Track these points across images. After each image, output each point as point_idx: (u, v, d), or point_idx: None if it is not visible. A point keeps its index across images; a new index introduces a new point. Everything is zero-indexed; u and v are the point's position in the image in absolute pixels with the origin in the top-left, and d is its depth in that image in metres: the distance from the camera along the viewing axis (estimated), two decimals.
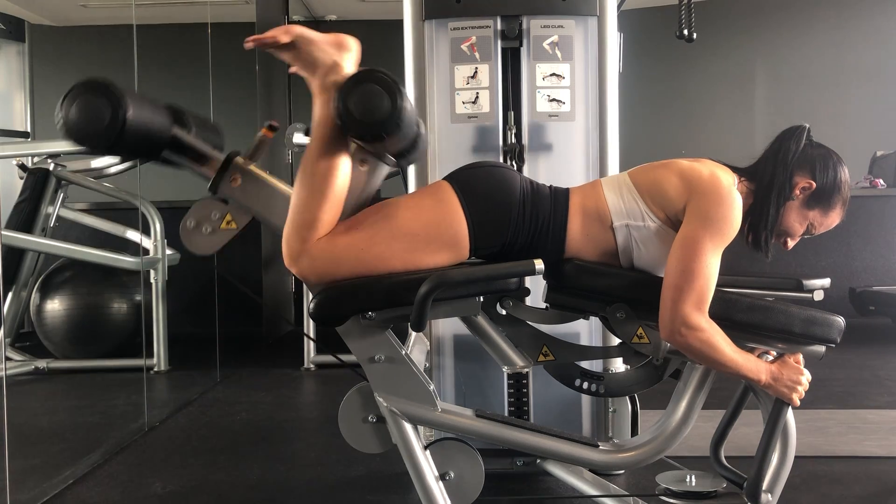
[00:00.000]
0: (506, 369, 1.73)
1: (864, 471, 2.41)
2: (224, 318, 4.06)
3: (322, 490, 2.36)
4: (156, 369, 4.02)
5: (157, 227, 4.08)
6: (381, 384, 1.60)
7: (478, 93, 2.31)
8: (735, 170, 1.69)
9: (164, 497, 2.31)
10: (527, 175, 1.76)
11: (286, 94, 6.07)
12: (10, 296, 4.15)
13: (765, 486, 1.64)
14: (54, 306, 4.13)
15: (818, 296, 1.67)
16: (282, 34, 1.52)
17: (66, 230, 4.56)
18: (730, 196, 1.58)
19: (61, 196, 4.36)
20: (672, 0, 2.61)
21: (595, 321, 2.29)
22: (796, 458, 1.68)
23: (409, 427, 1.59)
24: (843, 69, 6.33)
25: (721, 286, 1.59)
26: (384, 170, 1.65)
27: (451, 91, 2.31)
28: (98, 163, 4.41)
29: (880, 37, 6.32)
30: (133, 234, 4.31)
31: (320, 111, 1.54)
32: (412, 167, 2.35)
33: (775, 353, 1.65)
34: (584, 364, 1.85)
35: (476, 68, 2.31)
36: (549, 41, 2.30)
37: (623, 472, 2.33)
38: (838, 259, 5.36)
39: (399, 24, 2.36)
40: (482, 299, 1.71)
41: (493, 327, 1.72)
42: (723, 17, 6.31)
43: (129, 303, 4.23)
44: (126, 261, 4.08)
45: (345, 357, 1.82)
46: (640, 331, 1.66)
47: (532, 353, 1.73)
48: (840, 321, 1.64)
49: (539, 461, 2.30)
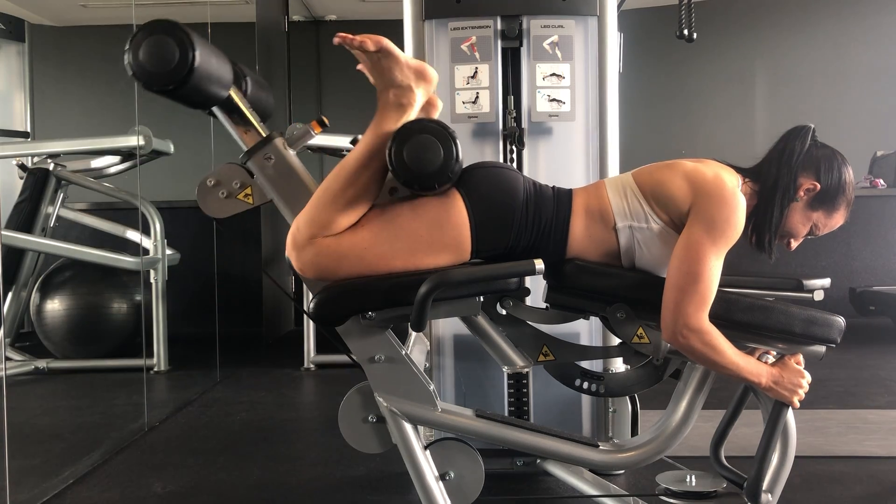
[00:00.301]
0: (506, 369, 1.73)
1: (864, 471, 2.41)
2: (224, 318, 4.06)
3: (322, 490, 2.36)
4: (156, 369, 4.02)
5: (157, 227, 4.08)
6: (381, 384, 1.60)
7: (478, 93, 2.31)
8: (739, 170, 1.68)
9: (164, 497, 2.31)
10: (527, 175, 1.76)
11: (286, 94, 6.08)
12: (10, 296, 4.15)
13: (765, 486, 1.64)
14: (54, 306, 4.13)
15: (818, 296, 1.67)
16: (370, 42, 1.53)
17: (66, 230, 4.56)
18: (734, 198, 1.58)
19: (61, 196, 4.36)
20: (672, 0, 2.61)
21: (595, 321, 2.29)
22: (796, 458, 1.68)
23: (409, 427, 1.59)
24: (843, 69, 6.32)
25: (721, 286, 1.59)
26: (409, 194, 1.66)
27: (451, 91, 2.31)
28: (98, 163, 4.41)
29: (880, 37, 6.32)
30: (133, 234, 4.31)
31: (375, 124, 1.56)
32: None
33: (775, 354, 1.65)
34: (584, 364, 1.85)
35: (476, 68, 2.31)
36: (549, 41, 2.30)
37: (623, 472, 2.33)
38: (838, 259, 5.36)
39: (399, 24, 2.36)
40: (482, 299, 1.70)
41: (493, 327, 1.72)
42: (723, 17, 6.31)
43: (129, 303, 4.23)
44: (126, 261, 4.08)
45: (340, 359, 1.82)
46: (641, 331, 1.66)
47: (532, 353, 1.73)
48: (840, 321, 1.64)
49: (539, 461, 2.30)
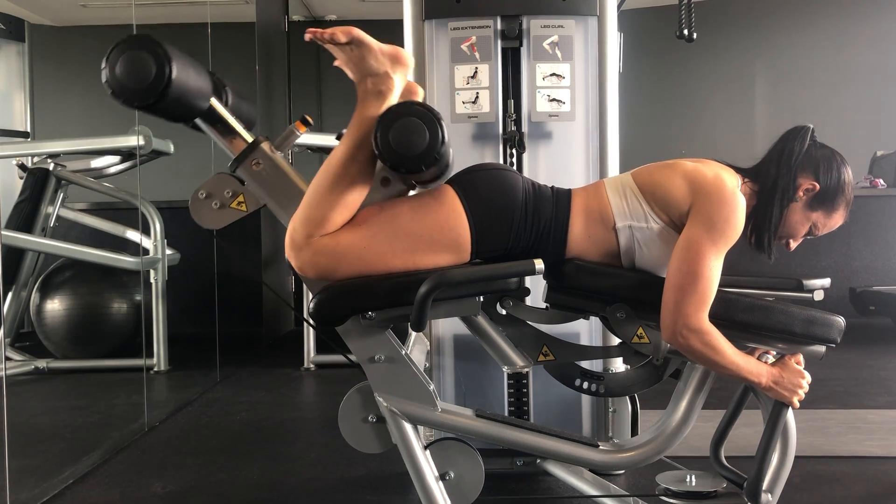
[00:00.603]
0: (506, 369, 1.73)
1: (864, 471, 2.40)
2: (224, 318, 4.06)
3: (322, 490, 2.36)
4: (156, 369, 4.02)
5: (157, 227, 4.08)
6: (381, 384, 1.60)
7: (478, 93, 2.31)
8: (738, 170, 1.68)
9: (164, 497, 2.31)
10: (527, 175, 1.76)
11: (286, 93, 6.08)
12: (10, 296, 4.15)
13: (765, 486, 1.64)
14: (54, 306, 4.13)
15: (818, 296, 1.67)
16: (341, 34, 1.52)
17: (66, 230, 4.56)
18: (734, 199, 1.58)
19: (61, 196, 4.36)
20: (672, 0, 2.61)
21: (595, 321, 2.29)
22: (796, 458, 1.68)
23: (409, 427, 1.59)
24: (843, 69, 6.32)
25: (721, 286, 1.59)
26: (403, 189, 1.65)
27: (451, 91, 2.31)
28: (98, 163, 4.41)
29: (880, 37, 6.32)
30: (133, 234, 4.31)
31: (358, 115, 1.55)
32: None
33: (775, 354, 1.65)
34: (584, 364, 1.85)
35: (476, 68, 2.31)
36: (549, 41, 2.30)
37: (623, 472, 2.33)
38: (838, 259, 5.36)
39: (399, 24, 2.36)
40: (482, 299, 1.70)
41: (493, 327, 1.72)
42: (723, 17, 6.31)
43: (129, 303, 4.23)
44: (126, 261, 4.08)
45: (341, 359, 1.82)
46: (641, 331, 1.66)
47: (532, 353, 1.73)
48: (840, 321, 1.64)
49: (539, 461, 2.30)
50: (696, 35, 2.47)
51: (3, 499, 2.15)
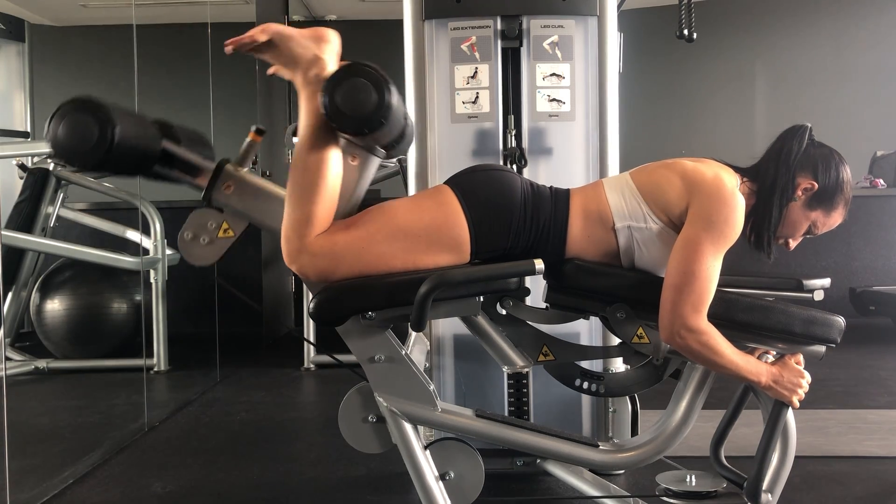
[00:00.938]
0: (506, 369, 1.72)
1: (865, 471, 2.40)
2: (224, 317, 4.06)
3: (322, 490, 2.36)
4: (156, 369, 4.02)
5: (156, 227, 4.08)
6: (381, 384, 1.60)
7: (478, 93, 2.31)
8: (737, 170, 1.68)
9: (164, 497, 2.31)
10: (527, 175, 1.76)
11: (286, 93, 6.07)
12: (10, 296, 4.15)
13: (765, 486, 1.64)
14: (54, 306, 4.13)
15: (818, 296, 1.67)
16: (258, 33, 1.52)
17: (66, 230, 4.55)
18: (733, 199, 1.58)
19: (61, 196, 4.35)
20: (672, 0, 2.61)
21: (595, 321, 2.29)
22: (796, 458, 1.68)
23: (409, 427, 1.59)
24: (843, 69, 6.33)
25: (721, 286, 1.59)
26: (375, 163, 1.64)
27: (451, 91, 2.31)
28: None
29: (880, 37, 6.32)
30: (133, 234, 4.31)
31: (306, 105, 1.54)
32: (412, 167, 2.35)
33: (775, 354, 1.65)
34: (584, 364, 1.85)
35: (476, 68, 2.31)
36: (549, 41, 2.30)
37: (623, 472, 2.33)
38: (838, 259, 5.36)
39: (399, 24, 2.36)
40: (482, 299, 1.70)
41: (493, 327, 1.71)
42: (723, 17, 6.31)
43: (129, 303, 4.22)
44: (126, 261, 4.07)
45: (344, 357, 1.82)
46: (641, 331, 1.66)
47: (532, 353, 1.73)
48: (840, 321, 1.64)
49: (539, 461, 2.30)
50: (696, 35, 2.47)
51: (3, 499, 2.15)
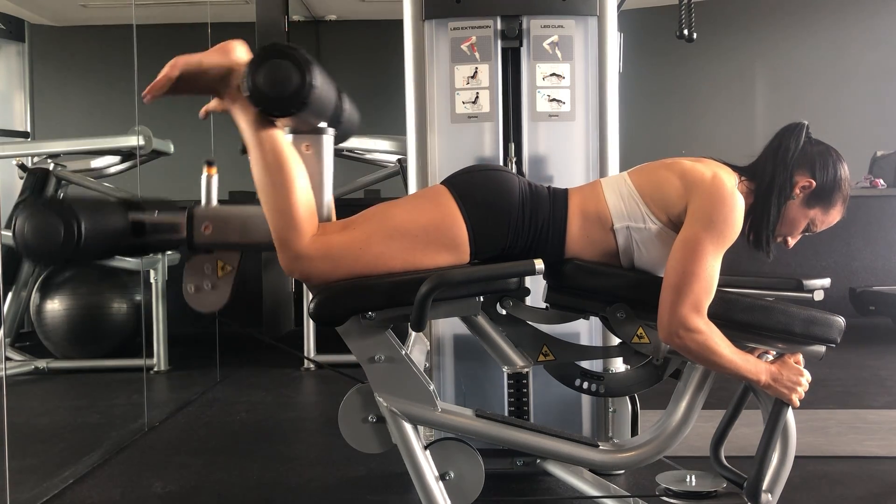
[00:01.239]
0: (506, 369, 1.72)
1: (865, 471, 2.40)
2: (224, 318, 4.05)
3: (322, 490, 2.36)
4: (156, 369, 4.02)
5: None
6: (381, 384, 1.60)
7: (478, 93, 2.31)
8: (735, 169, 1.68)
9: (164, 497, 2.31)
10: (527, 175, 1.76)
11: None
12: (10, 296, 4.15)
13: (765, 486, 1.64)
14: (54, 306, 4.13)
15: (818, 296, 1.67)
16: (169, 70, 1.50)
17: None
18: (732, 198, 1.58)
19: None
20: (672, 0, 2.61)
21: (595, 321, 2.29)
22: (796, 458, 1.68)
23: (409, 427, 1.59)
24: (843, 69, 6.33)
25: (721, 286, 1.59)
26: (329, 142, 1.64)
27: (451, 91, 2.31)
28: (98, 163, 4.41)
29: (880, 37, 6.32)
30: None
31: (242, 115, 1.54)
32: (412, 167, 2.35)
33: (775, 354, 1.65)
34: (584, 364, 1.85)
35: (476, 68, 2.30)
36: (549, 41, 2.30)
37: (623, 472, 2.33)
38: (838, 259, 5.36)
39: (399, 24, 2.36)
40: (482, 299, 1.70)
41: (493, 327, 1.71)
42: (723, 17, 6.31)
43: (129, 303, 4.22)
44: (126, 261, 4.07)
45: (344, 358, 1.82)
46: (640, 331, 1.66)
47: (532, 353, 1.73)
48: (840, 321, 1.64)
49: (539, 461, 2.30)
50: (696, 35, 2.47)
51: (3, 499, 2.15)
